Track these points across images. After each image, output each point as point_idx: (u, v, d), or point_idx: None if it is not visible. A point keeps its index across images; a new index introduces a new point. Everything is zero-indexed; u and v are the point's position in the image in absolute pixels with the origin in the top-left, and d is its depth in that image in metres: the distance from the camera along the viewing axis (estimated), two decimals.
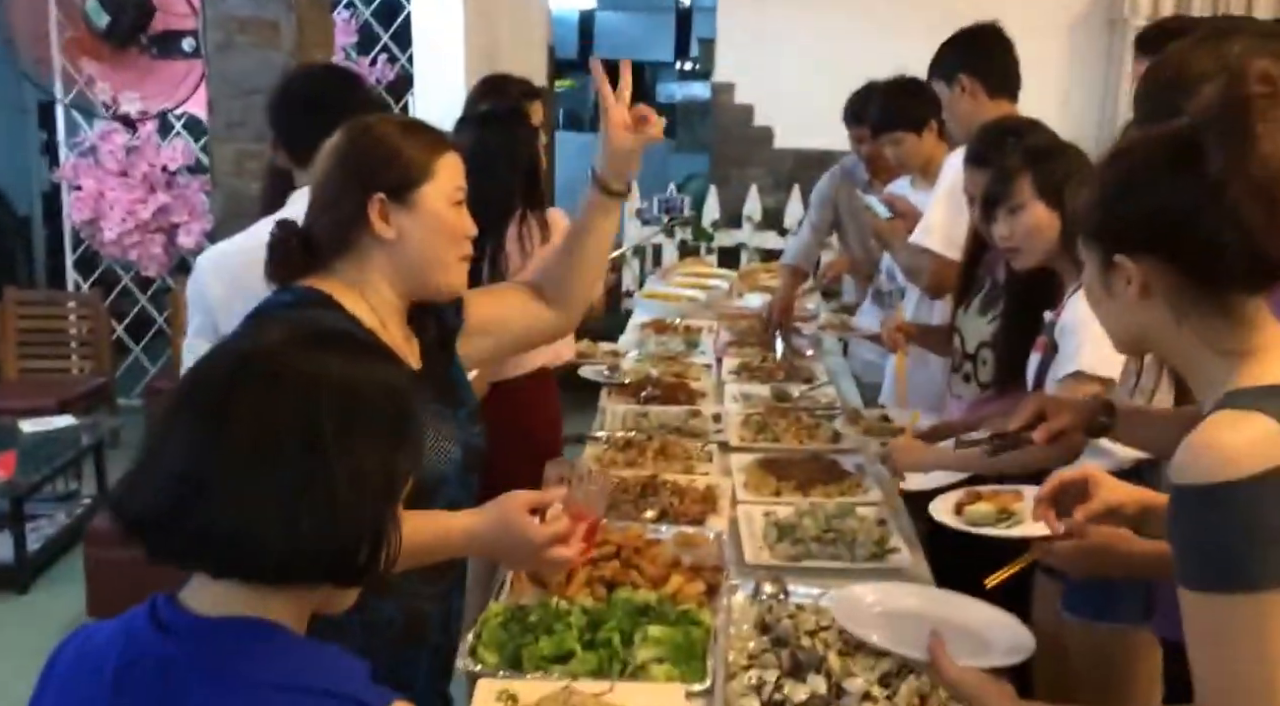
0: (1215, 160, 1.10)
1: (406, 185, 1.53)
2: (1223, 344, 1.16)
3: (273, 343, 0.98)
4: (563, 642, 1.71)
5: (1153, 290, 1.17)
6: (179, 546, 0.94)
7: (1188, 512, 1.10)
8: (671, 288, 4.58)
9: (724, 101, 6.15)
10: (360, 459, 0.94)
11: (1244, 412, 1.09)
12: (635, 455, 2.63)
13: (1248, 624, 1.08)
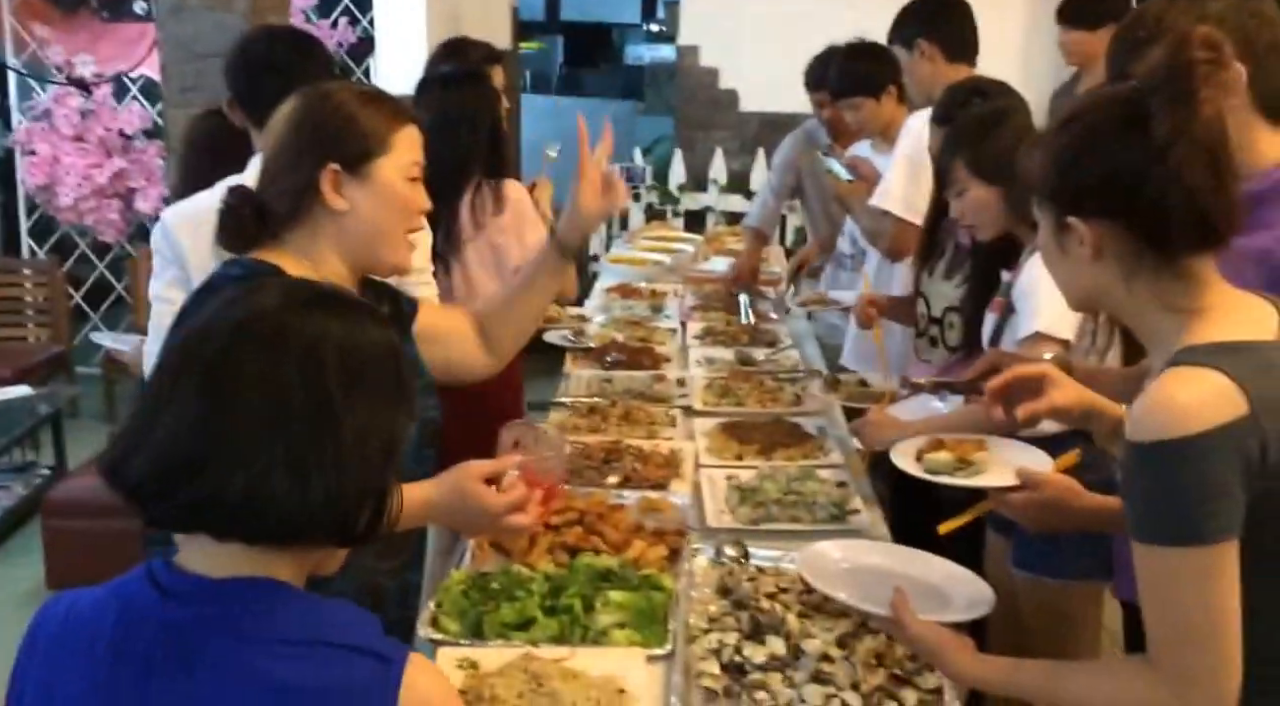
0: (1161, 124, 1.13)
1: (362, 157, 1.50)
2: (1173, 302, 1.18)
3: (271, 305, 0.97)
4: (524, 609, 1.71)
5: (1104, 251, 1.20)
6: (184, 511, 0.94)
7: (1141, 468, 1.13)
8: (637, 252, 4.56)
9: (689, 65, 6.10)
10: (365, 417, 0.96)
11: (1196, 369, 1.11)
12: (599, 420, 2.63)
13: (1197, 576, 1.11)
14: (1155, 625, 1.15)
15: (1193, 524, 1.10)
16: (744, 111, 6.08)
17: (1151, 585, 1.15)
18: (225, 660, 0.92)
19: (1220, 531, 1.10)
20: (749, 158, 5.95)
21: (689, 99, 6.17)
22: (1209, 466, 1.09)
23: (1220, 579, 1.11)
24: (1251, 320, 1.19)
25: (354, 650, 0.94)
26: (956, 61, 2.86)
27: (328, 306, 0.99)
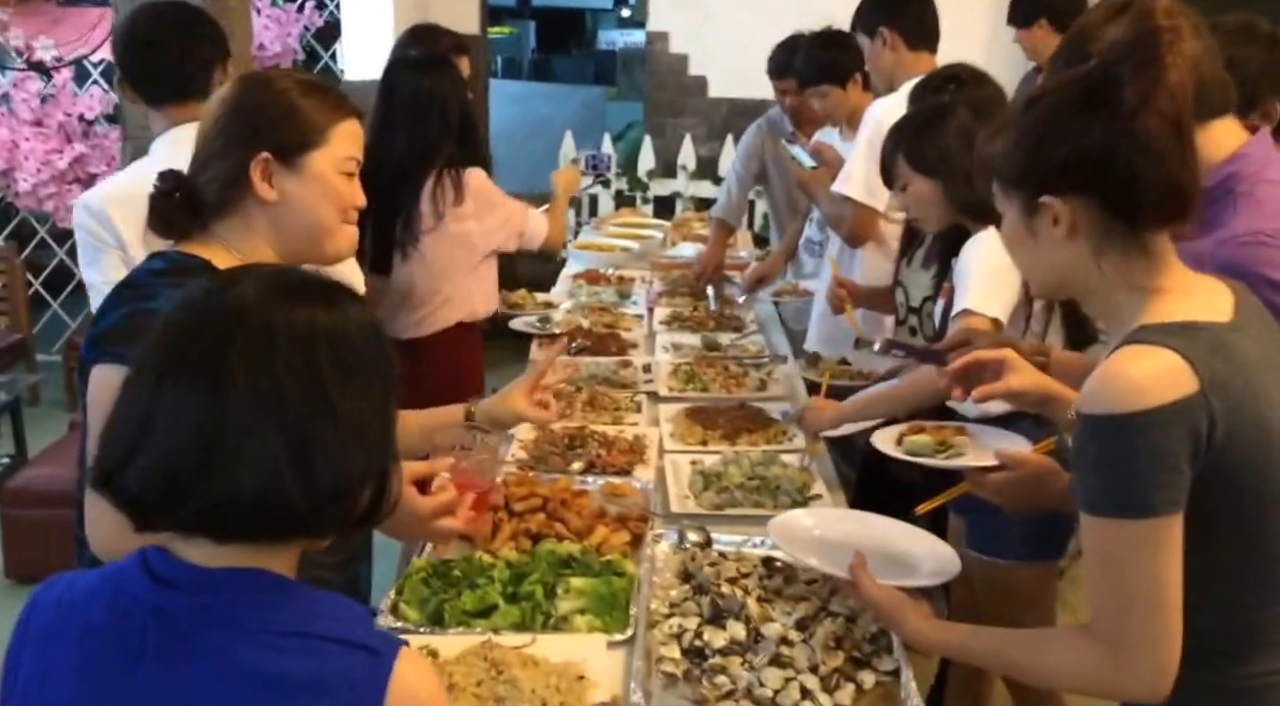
0: (1129, 93, 1.14)
1: (296, 147, 1.45)
2: (1136, 280, 1.20)
3: (253, 298, 0.95)
4: (485, 597, 1.70)
5: (1078, 228, 1.20)
6: (188, 515, 0.93)
7: (1092, 440, 1.15)
8: (605, 238, 4.54)
9: (658, 51, 6.08)
10: (360, 402, 0.95)
11: (1150, 347, 1.13)
12: (564, 407, 2.61)
13: (1141, 547, 1.13)
14: (1099, 594, 1.18)
15: (1140, 496, 1.12)
16: (713, 98, 6.07)
17: (1097, 555, 1.17)
18: (215, 650, 0.92)
19: (1166, 504, 1.12)
20: (718, 144, 5.94)
21: (658, 85, 6.15)
22: (1158, 440, 1.10)
23: (1164, 551, 1.13)
24: (1207, 302, 1.20)
25: (345, 643, 0.94)
26: (918, 49, 2.87)
27: (310, 294, 0.98)
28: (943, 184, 2.16)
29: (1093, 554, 1.18)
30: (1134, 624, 1.15)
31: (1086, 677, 1.20)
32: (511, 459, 2.31)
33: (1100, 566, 1.17)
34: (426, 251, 2.72)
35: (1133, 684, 1.17)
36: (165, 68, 2.09)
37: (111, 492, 0.94)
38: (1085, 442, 1.16)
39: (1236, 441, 1.13)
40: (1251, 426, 1.14)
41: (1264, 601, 1.22)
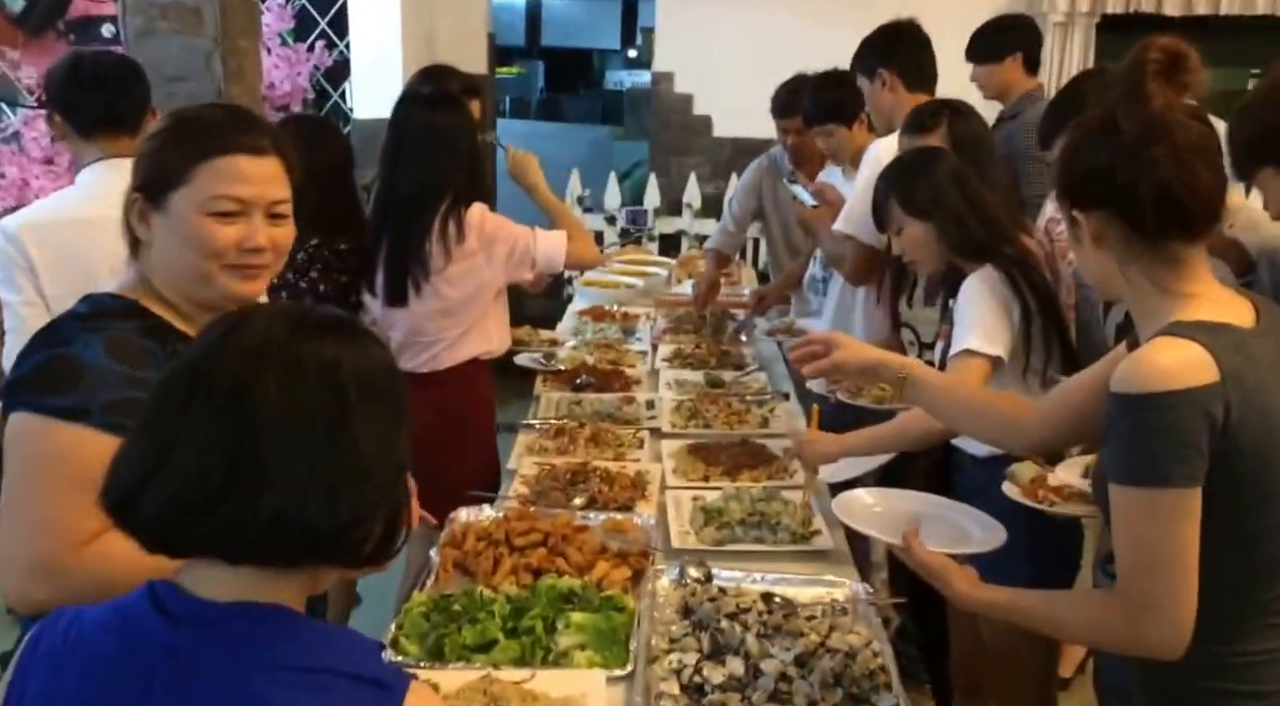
0: (1123, 121, 1.31)
1: (158, 187, 1.42)
2: (1165, 284, 1.35)
3: (280, 330, 0.98)
4: (485, 631, 1.71)
5: (1105, 239, 1.36)
6: (206, 535, 0.94)
7: (1122, 416, 1.28)
8: (610, 275, 4.58)
9: (663, 90, 6.15)
10: (380, 436, 0.98)
11: (1180, 339, 1.27)
12: (566, 442, 2.63)
13: (1162, 515, 1.26)
14: (1124, 558, 1.30)
15: (1162, 468, 1.25)
16: (717, 137, 6.13)
17: (1123, 521, 1.30)
18: (226, 686, 0.92)
19: (1185, 478, 1.24)
20: (722, 182, 5.99)
21: (664, 124, 6.21)
22: (1180, 419, 1.23)
23: (1183, 520, 1.25)
24: (1233, 310, 1.34)
25: (355, 678, 0.94)
26: (916, 90, 2.92)
27: (332, 329, 1.01)
28: (935, 225, 2.21)
29: (1120, 522, 1.30)
30: (1155, 585, 1.27)
31: (1113, 632, 1.34)
32: (513, 494, 2.33)
33: (1126, 533, 1.29)
34: (439, 288, 2.70)
35: (1152, 639, 1.29)
36: (103, 102, 2.25)
37: (126, 514, 0.96)
38: (1116, 419, 1.29)
39: (1246, 432, 1.25)
40: (1260, 420, 1.26)
41: (1257, 586, 1.34)
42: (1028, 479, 1.89)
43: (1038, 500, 1.85)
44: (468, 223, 2.69)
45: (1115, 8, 5.69)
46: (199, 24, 2.54)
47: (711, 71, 6.00)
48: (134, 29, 2.53)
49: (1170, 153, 1.29)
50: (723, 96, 6.03)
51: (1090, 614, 1.38)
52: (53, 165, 4.91)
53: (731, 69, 5.91)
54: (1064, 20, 5.71)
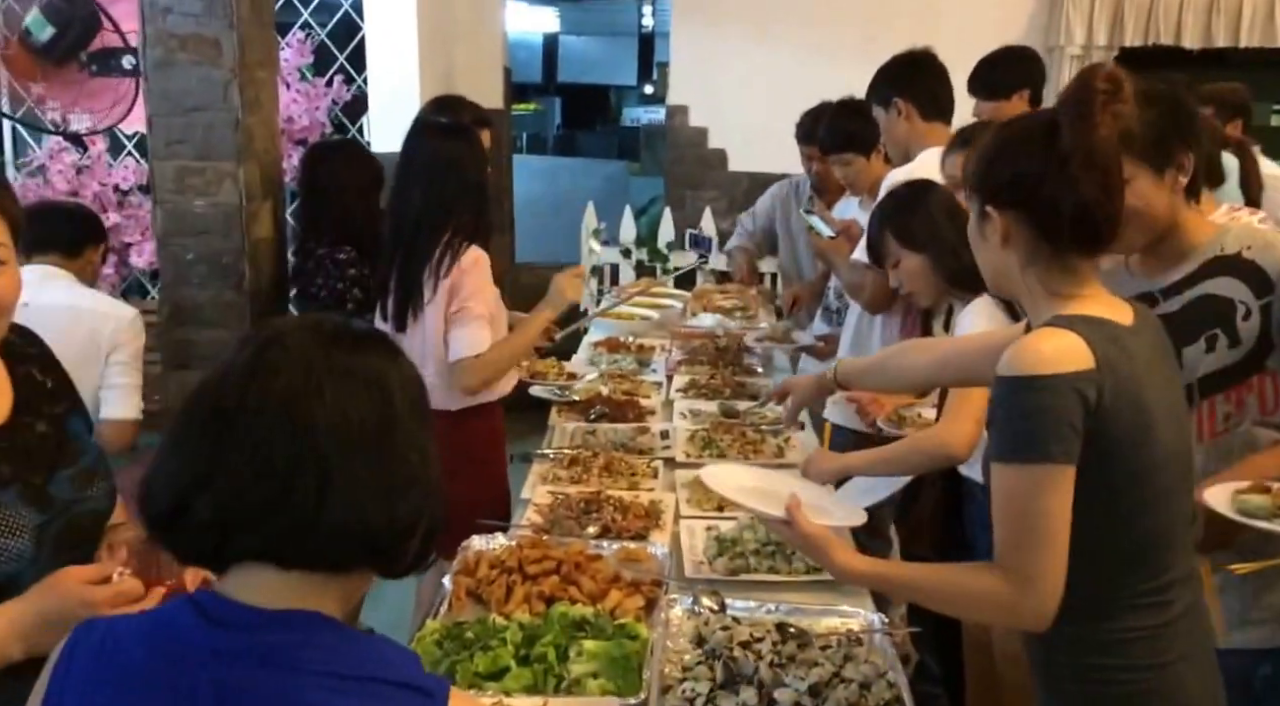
0: (1064, 138, 1.38)
1: None
2: (1055, 288, 1.45)
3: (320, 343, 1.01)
4: (498, 659, 1.70)
5: (1012, 240, 1.45)
6: (260, 542, 0.96)
7: (1005, 397, 1.38)
8: (626, 306, 4.58)
9: (678, 124, 6.18)
10: (421, 445, 1.02)
11: (1060, 329, 1.38)
12: (580, 472, 2.62)
13: (1038, 489, 1.34)
14: (1002, 532, 1.38)
15: (1040, 445, 1.34)
16: (733, 171, 6.15)
17: (1003, 497, 1.38)
18: (279, 692, 0.93)
19: (1061, 455, 1.34)
20: (737, 216, 6.00)
21: (678, 158, 6.24)
22: (1057, 400, 1.33)
23: (1057, 495, 1.34)
24: (1112, 309, 1.45)
25: (399, 685, 0.96)
26: (932, 120, 2.93)
27: (375, 343, 1.05)
28: (931, 258, 2.24)
29: (999, 497, 1.38)
30: (1030, 558, 1.35)
31: (987, 604, 1.41)
32: (526, 523, 2.32)
33: (1005, 508, 1.38)
34: (430, 318, 2.68)
35: (1025, 611, 1.37)
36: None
37: (174, 524, 0.97)
38: (1001, 399, 1.39)
39: (1118, 416, 1.35)
40: (1131, 406, 1.36)
41: (1130, 565, 1.42)
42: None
43: None
44: (459, 262, 2.64)
45: (1134, 41, 5.70)
46: (217, 55, 2.58)
47: (726, 105, 6.03)
48: (153, 60, 2.57)
49: (1098, 179, 1.38)
50: (738, 130, 6.07)
51: (966, 586, 1.43)
52: (77, 197, 4.98)
53: (746, 103, 5.95)
54: (1081, 53, 5.73)
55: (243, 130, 2.64)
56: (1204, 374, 1.83)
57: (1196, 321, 1.82)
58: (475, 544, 2.17)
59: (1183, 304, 1.84)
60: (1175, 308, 1.85)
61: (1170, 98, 1.79)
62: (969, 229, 1.54)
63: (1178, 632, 1.45)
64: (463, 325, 2.63)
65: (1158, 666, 1.43)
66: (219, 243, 2.66)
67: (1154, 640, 1.43)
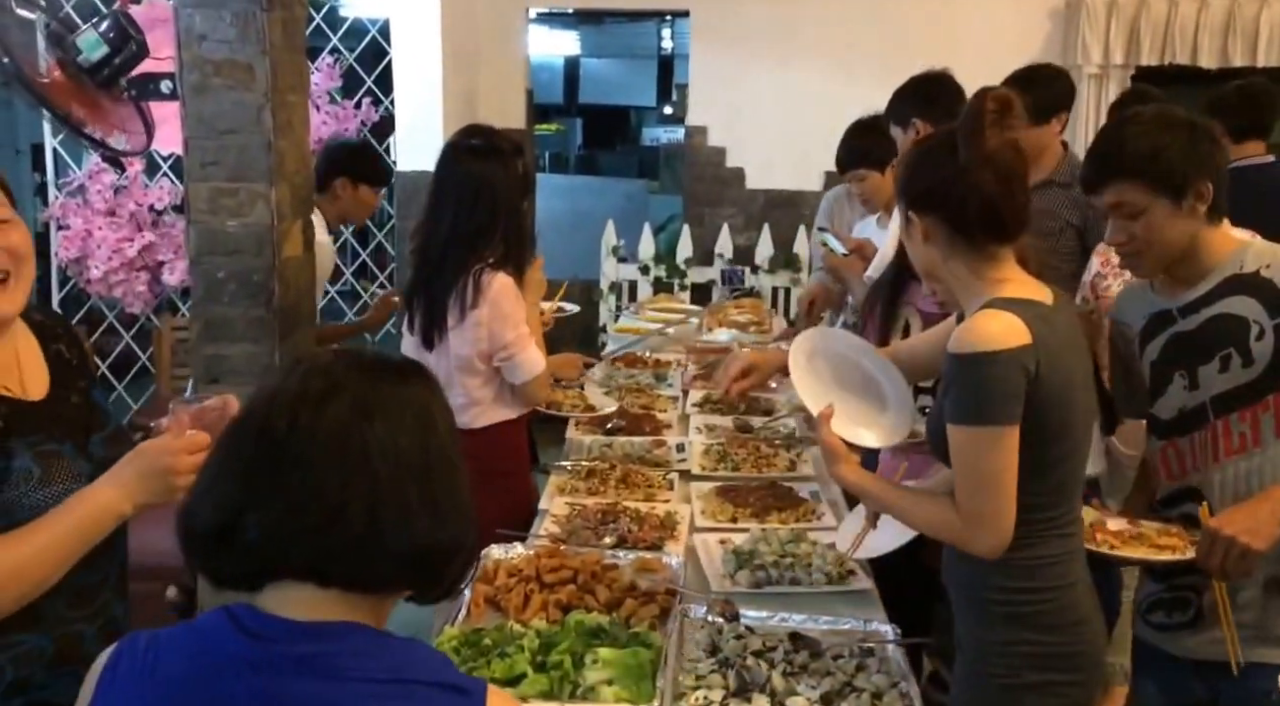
0: (962, 152, 1.62)
1: None
2: (982, 273, 1.67)
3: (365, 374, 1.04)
4: (515, 665, 1.71)
5: (932, 237, 1.68)
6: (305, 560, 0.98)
7: (959, 372, 1.59)
8: (643, 322, 4.60)
9: (697, 144, 6.21)
10: (463, 471, 1.06)
11: (1000, 311, 1.59)
12: (597, 484, 2.64)
13: (990, 447, 1.57)
14: (960, 480, 1.62)
15: (990, 410, 1.57)
16: (750, 189, 6.17)
17: (960, 454, 1.61)
18: (318, 698, 0.94)
19: (1009, 417, 1.57)
20: (754, 233, 6.02)
21: (697, 177, 6.27)
22: (1003, 372, 1.55)
23: (1006, 451, 1.57)
24: (1036, 291, 1.66)
25: (438, 686, 0.98)
26: None
27: (416, 374, 1.09)
28: None
29: (956, 453, 1.62)
30: (984, 502, 1.59)
31: (948, 533, 1.67)
32: (544, 533, 2.33)
33: (961, 462, 1.61)
34: (453, 344, 2.63)
35: (980, 544, 1.62)
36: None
37: (220, 545, 0.99)
38: (955, 374, 1.60)
39: (1049, 381, 1.57)
40: (1058, 373, 1.58)
41: (1053, 503, 1.65)
42: (1087, 523, 1.87)
43: (1096, 544, 1.86)
44: (485, 292, 2.57)
45: (1150, 60, 5.66)
46: (251, 80, 2.62)
47: (743, 126, 6.06)
48: (190, 85, 2.62)
49: (995, 178, 1.61)
50: (754, 150, 6.09)
51: (935, 517, 1.68)
52: (114, 216, 5.05)
53: (763, 123, 5.98)
54: (1098, 72, 5.70)
55: (275, 152, 2.67)
56: (1218, 393, 1.82)
57: (1211, 340, 1.82)
58: (494, 553, 2.18)
59: (1199, 323, 1.84)
60: (1192, 326, 1.85)
61: (1188, 126, 1.79)
62: (903, 234, 1.75)
63: (1076, 559, 1.71)
64: (519, 353, 2.62)
65: (1064, 587, 1.68)
66: (250, 261, 2.69)
67: (1061, 565, 1.68)
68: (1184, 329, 1.86)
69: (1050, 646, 1.67)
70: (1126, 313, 1.99)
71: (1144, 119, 1.82)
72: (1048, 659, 1.67)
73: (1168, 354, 1.89)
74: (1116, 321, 2.01)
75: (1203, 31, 5.61)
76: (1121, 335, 2.00)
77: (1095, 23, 5.65)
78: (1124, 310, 2.01)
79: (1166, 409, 1.91)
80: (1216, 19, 5.59)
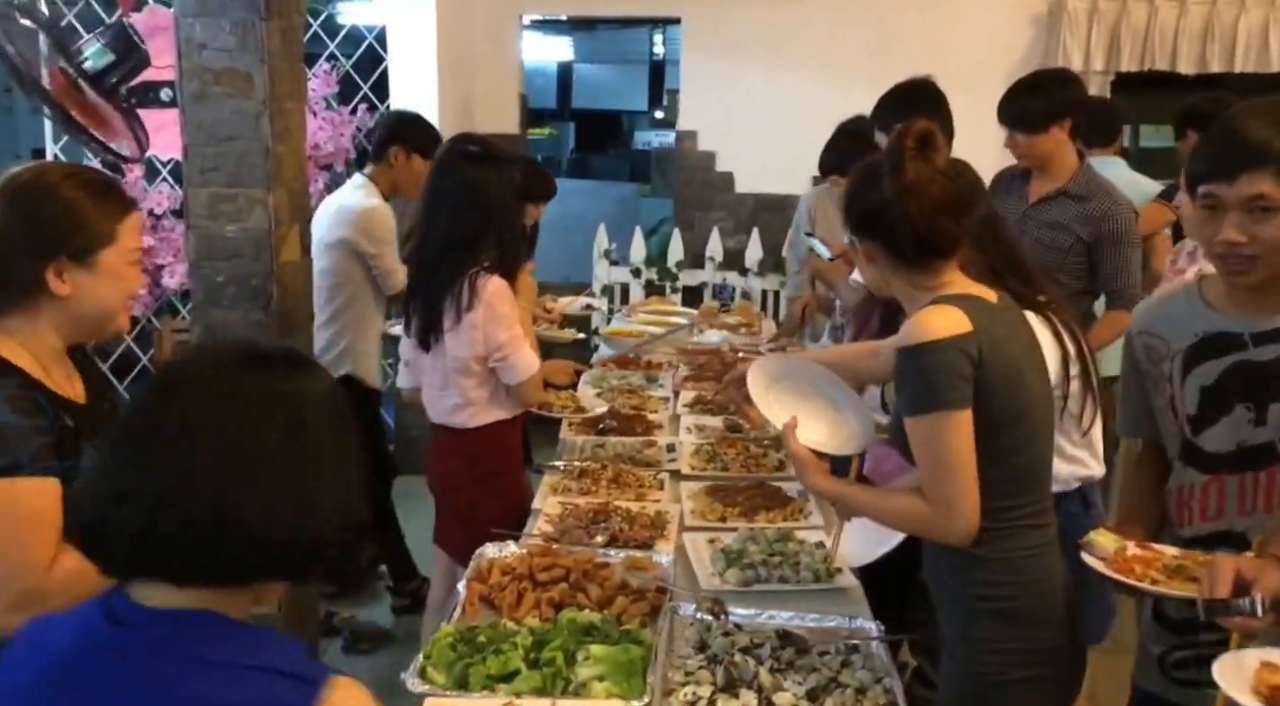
0: (886, 183, 1.67)
1: (90, 249, 1.57)
2: (924, 284, 1.72)
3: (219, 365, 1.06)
4: (508, 662, 1.72)
5: (875, 259, 1.75)
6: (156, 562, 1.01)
7: (908, 364, 1.64)
8: (635, 324, 4.62)
9: (687, 148, 6.23)
10: (341, 458, 1.06)
11: (941, 305, 1.65)
12: (589, 483, 2.66)
13: (946, 432, 1.61)
14: (922, 470, 1.65)
15: (941, 396, 1.60)
16: (739, 193, 6.20)
17: (919, 444, 1.64)
18: (159, 678, 0.99)
19: (960, 401, 1.60)
20: (744, 236, 6.04)
21: (687, 181, 6.29)
22: (950, 358, 1.60)
23: (960, 435, 1.61)
24: (979, 291, 1.71)
25: (277, 672, 1.00)
26: None
27: (281, 362, 1.08)
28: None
29: (915, 443, 1.65)
30: (947, 488, 1.62)
31: (920, 525, 1.69)
32: (537, 532, 2.35)
33: (921, 452, 1.64)
34: (449, 346, 2.65)
35: (951, 530, 1.63)
36: None
37: (89, 542, 1.04)
38: (904, 367, 1.65)
39: (994, 367, 1.61)
40: (1003, 360, 1.62)
41: (1017, 492, 1.67)
42: (1111, 550, 1.64)
43: (1137, 578, 1.58)
44: (482, 287, 2.59)
45: (1130, 66, 5.69)
46: (249, 88, 2.63)
47: (733, 130, 6.08)
48: (189, 93, 2.62)
49: (919, 209, 1.65)
50: (744, 154, 6.12)
51: (906, 509, 1.70)
52: None
53: (753, 128, 6.01)
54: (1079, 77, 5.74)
55: (272, 158, 2.68)
56: None
57: None
58: (488, 552, 2.20)
59: (1277, 355, 1.60)
60: (1268, 357, 1.61)
61: None
62: (854, 253, 1.83)
63: (1053, 552, 1.72)
64: (514, 354, 2.64)
65: (1042, 580, 1.70)
66: (249, 265, 2.70)
67: (1038, 558, 1.69)
68: (1256, 358, 1.61)
69: (1033, 641, 1.67)
70: (1162, 325, 1.75)
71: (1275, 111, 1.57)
72: (1033, 653, 1.67)
73: (1230, 382, 1.65)
74: (1144, 332, 1.78)
75: (1181, 37, 5.64)
76: (1148, 348, 1.77)
77: (1077, 29, 5.69)
78: (1158, 322, 1.76)
79: (1218, 440, 1.66)
80: (1195, 25, 5.63)
